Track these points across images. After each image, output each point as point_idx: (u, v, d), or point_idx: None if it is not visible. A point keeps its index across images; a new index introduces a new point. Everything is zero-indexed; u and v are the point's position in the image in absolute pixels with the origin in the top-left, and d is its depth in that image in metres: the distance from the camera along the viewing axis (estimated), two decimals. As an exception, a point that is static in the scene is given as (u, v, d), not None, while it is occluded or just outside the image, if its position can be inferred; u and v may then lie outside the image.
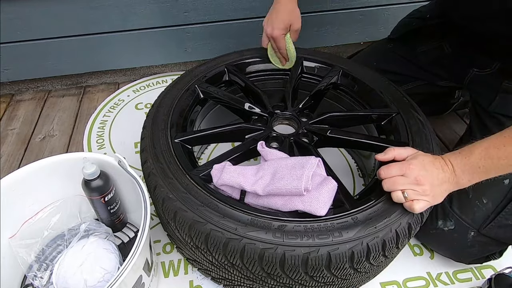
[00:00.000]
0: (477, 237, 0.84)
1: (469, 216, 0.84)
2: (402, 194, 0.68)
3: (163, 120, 0.87)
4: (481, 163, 0.65)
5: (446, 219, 0.87)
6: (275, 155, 0.79)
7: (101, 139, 1.32)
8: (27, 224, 0.86)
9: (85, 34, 1.41)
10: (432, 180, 0.67)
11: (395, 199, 0.69)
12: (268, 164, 0.76)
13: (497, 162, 0.65)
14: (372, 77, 1.02)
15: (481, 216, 0.83)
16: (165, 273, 0.93)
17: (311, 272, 0.66)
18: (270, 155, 0.80)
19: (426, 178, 0.67)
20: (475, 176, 0.67)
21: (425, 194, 0.67)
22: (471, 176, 0.67)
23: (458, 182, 0.68)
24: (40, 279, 0.83)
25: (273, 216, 0.69)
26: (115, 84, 1.60)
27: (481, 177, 0.67)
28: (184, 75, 1.02)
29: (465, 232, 0.85)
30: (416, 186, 0.67)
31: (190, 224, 0.68)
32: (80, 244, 0.83)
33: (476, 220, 0.84)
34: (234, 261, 0.68)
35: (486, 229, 0.83)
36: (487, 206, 0.83)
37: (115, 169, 0.82)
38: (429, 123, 0.89)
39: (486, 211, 0.83)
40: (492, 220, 0.82)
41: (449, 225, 0.87)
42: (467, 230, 0.85)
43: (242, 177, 0.73)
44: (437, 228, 0.88)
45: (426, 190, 0.67)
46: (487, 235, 0.83)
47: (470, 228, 0.84)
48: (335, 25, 1.58)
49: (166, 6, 1.38)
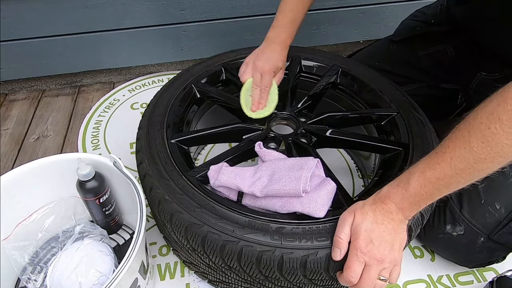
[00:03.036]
0: (486, 242, 0.82)
1: (480, 222, 0.82)
2: (380, 281, 0.62)
3: (159, 120, 0.87)
4: (422, 190, 0.59)
5: (455, 224, 0.84)
6: (273, 156, 0.78)
7: (96, 139, 1.31)
8: (20, 226, 0.85)
9: (80, 33, 1.40)
10: (387, 243, 0.61)
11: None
12: (266, 165, 0.75)
13: (437, 183, 0.57)
14: (372, 76, 1.02)
15: (492, 222, 0.81)
16: (161, 276, 0.92)
17: (310, 275, 0.65)
18: (268, 156, 0.79)
19: (382, 247, 0.61)
20: (421, 204, 0.61)
21: (393, 261, 0.62)
22: (416, 206, 0.61)
23: (406, 217, 0.63)
24: (34, 281, 0.82)
25: (271, 218, 0.68)
26: (110, 84, 1.59)
27: (426, 202, 0.61)
28: (181, 74, 1.01)
29: (474, 238, 0.83)
30: (383, 264, 0.61)
31: (186, 226, 0.67)
32: (74, 246, 0.82)
33: (487, 225, 0.81)
34: (231, 263, 0.67)
35: (497, 235, 0.81)
36: (499, 212, 0.81)
37: (110, 170, 0.82)
38: (433, 126, 0.88)
39: (498, 217, 0.81)
40: (504, 226, 0.80)
41: (458, 230, 0.84)
42: (477, 235, 0.82)
43: (239, 178, 0.72)
44: (445, 233, 0.86)
45: (391, 259, 0.61)
46: (497, 241, 0.81)
47: (480, 233, 0.82)
48: (334, 23, 1.57)
49: (162, 4, 1.37)
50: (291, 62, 1.07)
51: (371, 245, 0.61)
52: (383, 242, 0.61)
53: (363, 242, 0.61)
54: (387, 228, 0.61)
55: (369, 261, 0.61)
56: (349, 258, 0.62)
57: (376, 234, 0.61)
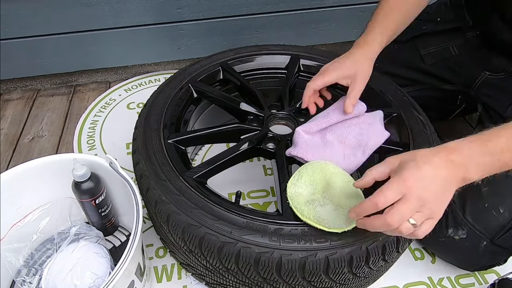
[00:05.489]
0: (489, 246, 0.82)
1: (483, 226, 0.81)
2: (409, 223, 0.54)
3: (156, 120, 0.86)
4: (503, 153, 0.53)
5: (457, 228, 0.84)
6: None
7: (91, 139, 1.30)
8: (15, 227, 0.84)
9: (75, 32, 1.39)
10: (436, 190, 0.53)
11: (404, 232, 0.54)
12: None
13: None
14: (372, 76, 1.01)
15: (495, 226, 0.80)
16: (158, 278, 0.92)
17: (309, 277, 0.65)
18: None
19: (430, 190, 0.53)
20: (492, 168, 0.54)
21: (432, 212, 0.54)
22: (485, 168, 0.54)
23: (465, 178, 0.55)
24: (29, 284, 0.82)
25: (270, 219, 0.67)
26: (106, 83, 1.58)
27: (496, 169, 0.54)
28: (178, 73, 1.00)
29: (477, 242, 0.82)
30: (421, 207, 0.53)
31: (183, 228, 0.67)
32: (70, 248, 0.82)
33: (490, 229, 0.81)
34: (229, 265, 0.66)
35: (500, 239, 0.80)
36: (503, 216, 0.80)
37: (106, 170, 0.81)
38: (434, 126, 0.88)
39: (502, 221, 0.80)
40: (508, 231, 0.79)
41: (460, 234, 0.83)
42: (480, 239, 0.81)
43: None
44: (447, 236, 0.85)
45: (432, 207, 0.54)
46: (501, 245, 0.81)
47: (483, 237, 0.81)
48: (333, 22, 1.57)
49: (159, 2, 1.36)
50: (289, 61, 1.07)
51: (418, 183, 0.53)
52: (433, 185, 0.53)
53: (411, 175, 0.53)
54: (442, 176, 0.54)
55: (408, 195, 0.53)
56: (387, 183, 0.54)
57: (428, 175, 0.53)
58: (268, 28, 1.51)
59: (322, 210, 0.66)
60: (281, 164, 0.80)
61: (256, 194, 1.10)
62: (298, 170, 0.73)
